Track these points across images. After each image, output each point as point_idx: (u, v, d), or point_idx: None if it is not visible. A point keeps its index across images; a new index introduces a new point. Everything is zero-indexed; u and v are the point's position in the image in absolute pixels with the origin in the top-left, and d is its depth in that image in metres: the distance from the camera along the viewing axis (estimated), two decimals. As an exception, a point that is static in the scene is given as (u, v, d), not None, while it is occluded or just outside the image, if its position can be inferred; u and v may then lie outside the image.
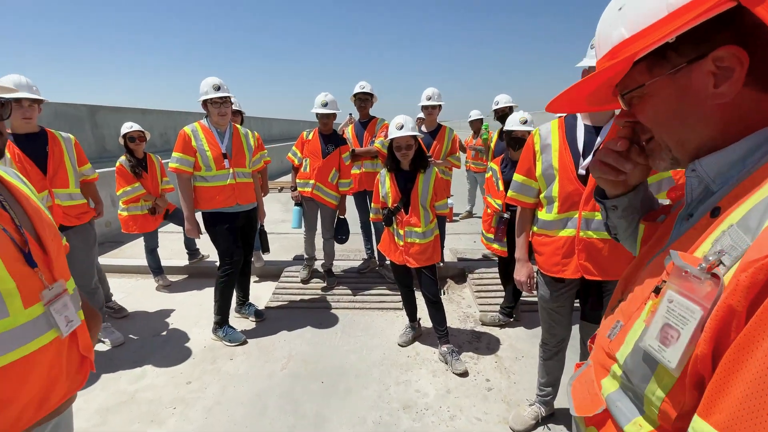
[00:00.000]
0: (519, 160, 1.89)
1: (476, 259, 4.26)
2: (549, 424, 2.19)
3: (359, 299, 3.57)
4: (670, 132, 0.60)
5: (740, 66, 0.49)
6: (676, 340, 0.50)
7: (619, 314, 0.69)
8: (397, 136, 2.41)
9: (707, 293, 0.47)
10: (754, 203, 0.47)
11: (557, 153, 1.69)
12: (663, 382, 0.53)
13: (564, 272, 1.76)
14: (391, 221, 2.59)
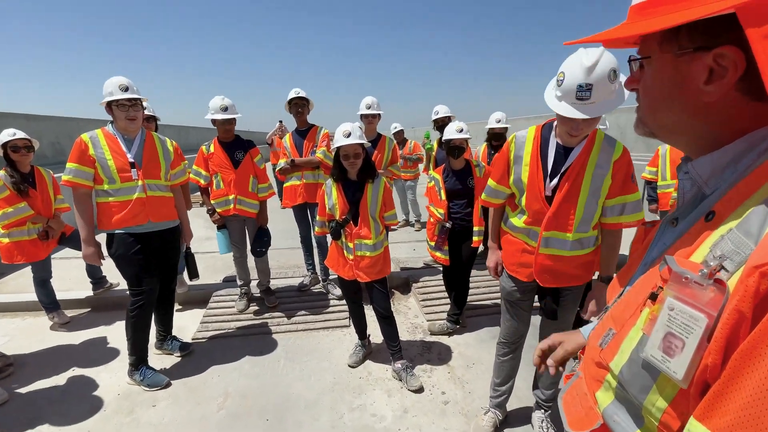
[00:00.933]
0: (494, 164, 1.88)
1: (419, 267, 4.24)
2: (505, 430, 2.19)
3: (302, 320, 3.31)
4: (653, 110, 0.59)
5: (734, 69, 0.48)
6: (681, 350, 0.48)
7: (609, 321, 0.66)
8: (345, 144, 2.27)
9: (710, 300, 0.46)
10: (752, 207, 0.47)
11: (527, 168, 1.68)
12: (665, 393, 0.52)
13: (518, 274, 1.84)
14: (340, 234, 2.43)
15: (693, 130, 0.57)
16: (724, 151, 0.53)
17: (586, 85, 1.35)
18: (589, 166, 1.57)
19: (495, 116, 4.04)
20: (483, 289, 3.80)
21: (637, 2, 0.56)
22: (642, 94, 0.61)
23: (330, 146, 3.52)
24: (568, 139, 1.60)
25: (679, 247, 0.57)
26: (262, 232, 3.41)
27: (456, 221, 2.96)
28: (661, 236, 0.66)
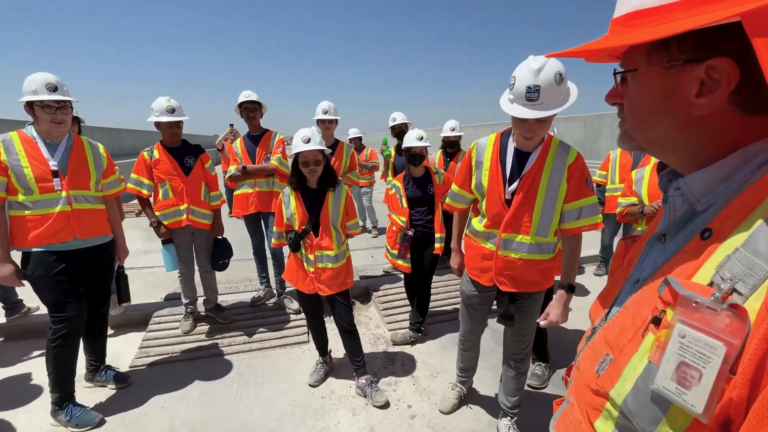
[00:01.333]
0: (459, 170, 1.94)
1: (378, 275, 4.16)
2: (471, 405, 2.42)
3: (256, 338, 3.08)
4: (641, 124, 0.57)
5: (727, 82, 0.47)
6: (699, 380, 0.45)
7: (603, 346, 0.62)
8: (304, 151, 2.13)
9: (727, 326, 0.43)
10: (756, 225, 0.45)
11: (487, 173, 1.76)
12: (676, 424, 0.48)
13: (480, 278, 1.90)
14: (299, 246, 2.28)
15: (683, 145, 0.55)
16: (719, 167, 0.52)
17: (534, 87, 1.44)
18: (545, 170, 1.64)
19: (449, 124, 4.10)
20: (442, 294, 3.80)
21: (622, 13, 0.54)
22: (627, 109, 0.59)
23: (286, 153, 3.36)
24: (523, 143, 1.66)
25: (674, 265, 0.54)
26: (220, 243, 3.17)
27: (418, 228, 2.93)
28: (649, 253, 0.64)
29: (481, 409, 2.38)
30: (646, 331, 0.53)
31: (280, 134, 3.39)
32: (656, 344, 0.51)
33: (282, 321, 3.31)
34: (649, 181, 2.38)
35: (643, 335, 0.53)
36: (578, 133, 10.16)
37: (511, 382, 2.07)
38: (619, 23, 0.54)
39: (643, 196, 2.38)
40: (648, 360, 0.51)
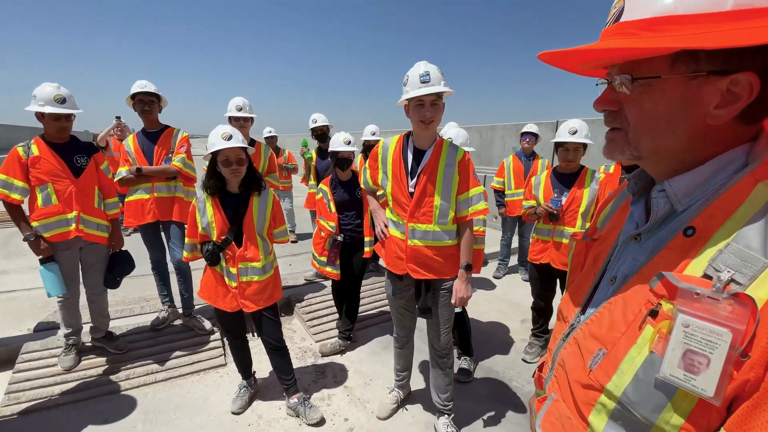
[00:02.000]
0: (369, 165, 2.08)
1: (300, 284, 3.95)
2: (408, 407, 2.42)
3: (162, 367, 2.66)
4: (654, 133, 0.57)
5: (748, 96, 0.49)
6: (707, 366, 0.47)
7: (592, 341, 0.63)
8: (225, 148, 1.89)
9: (731, 313, 0.46)
10: (742, 222, 0.49)
11: (391, 167, 1.95)
12: (680, 409, 0.51)
13: (395, 268, 2.02)
14: (218, 258, 2.01)
15: (683, 153, 0.57)
16: (699, 172, 0.55)
17: (425, 72, 1.74)
18: (440, 165, 1.87)
19: (369, 128, 4.11)
20: (368, 299, 3.76)
21: (642, 17, 0.52)
22: (637, 117, 0.57)
23: (191, 152, 2.98)
24: (421, 133, 1.87)
25: (661, 261, 0.57)
26: (122, 257, 2.70)
27: (347, 233, 2.85)
28: (625, 252, 0.66)
29: (417, 410, 2.39)
30: (643, 324, 0.55)
31: (184, 131, 2.99)
32: (658, 335, 0.52)
33: (193, 344, 2.91)
34: (543, 186, 2.71)
35: (640, 328, 0.55)
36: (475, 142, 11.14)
37: (440, 378, 2.13)
38: (640, 26, 0.51)
39: (540, 198, 2.71)
40: (649, 351, 0.53)
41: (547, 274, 2.77)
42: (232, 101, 3.13)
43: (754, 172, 0.51)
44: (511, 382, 2.68)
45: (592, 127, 2.78)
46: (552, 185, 2.68)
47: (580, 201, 2.55)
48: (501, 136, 10.95)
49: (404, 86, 1.82)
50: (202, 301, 3.46)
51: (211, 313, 3.28)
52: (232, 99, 3.15)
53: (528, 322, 3.09)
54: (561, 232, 2.61)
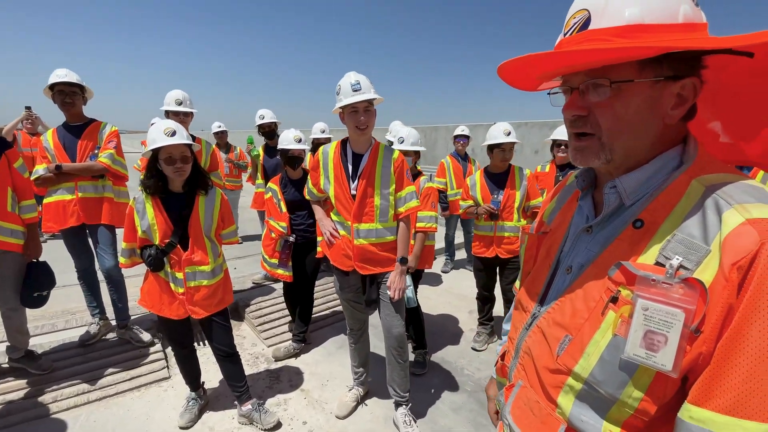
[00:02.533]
0: (311, 171, 2.13)
1: (247, 288, 3.78)
2: (367, 402, 2.44)
3: (95, 386, 2.41)
4: (628, 134, 0.61)
5: (693, 97, 0.58)
6: (665, 343, 0.53)
7: (557, 329, 0.68)
8: (168, 145, 1.75)
9: (683, 296, 0.53)
10: (682, 215, 0.56)
11: (333, 171, 2.02)
12: (640, 383, 0.57)
13: (342, 265, 2.09)
14: (162, 264, 1.87)
15: (643, 152, 0.63)
16: (644, 170, 0.63)
17: (355, 81, 1.85)
18: (378, 167, 1.98)
19: (318, 126, 4.05)
20: (321, 299, 3.71)
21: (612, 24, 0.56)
22: (610, 121, 0.61)
23: (121, 148, 2.73)
24: (358, 138, 1.97)
25: (614, 251, 0.63)
26: (39, 268, 2.38)
27: (299, 234, 2.79)
28: (578, 243, 0.72)
29: (376, 406, 2.42)
30: (605, 310, 0.60)
31: (113, 125, 2.73)
32: (620, 320, 0.58)
33: (131, 358, 2.67)
34: (480, 186, 2.87)
35: (603, 314, 0.61)
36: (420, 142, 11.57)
37: (396, 372, 2.17)
38: (614, 33, 0.56)
39: (478, 198, 2.87)
40: (613, 334, 0.59)
41: (491, 266, 2.93)
42: (169, 94, 2.90)
43: (689, 171, 0.60)
44: (462, 371, 2.80)
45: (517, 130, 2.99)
46: (488, 185, 2.84)
47: (514, 197, 2.75)
48: (444, 137, 11.39)
49: (337, 95, 1.91)
50: (139, 311, 3.20)
51: (150, 323, 3.04)
52: (170, 92, 2.92)
53: (476, 312, 3.24)
54: (501, 227, 2.79)
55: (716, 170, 0.59)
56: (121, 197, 2.77)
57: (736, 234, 0.51)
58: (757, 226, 0.50)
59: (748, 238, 0.50)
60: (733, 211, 0.52)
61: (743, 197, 0.54)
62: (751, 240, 0.49)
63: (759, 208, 0.52)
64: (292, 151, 2.72)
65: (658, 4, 0.55)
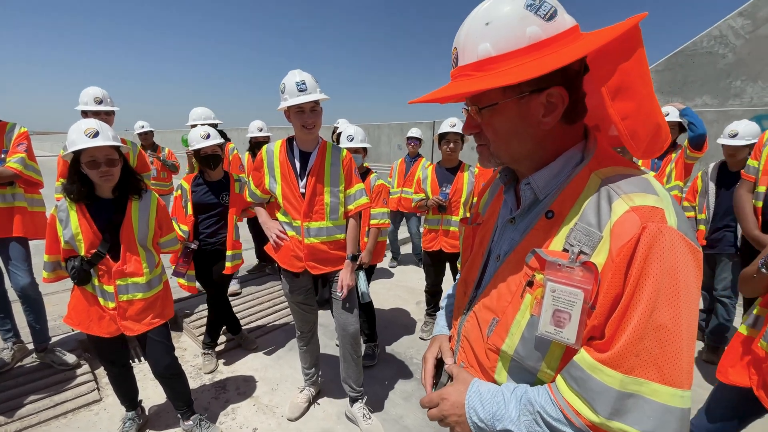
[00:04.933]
0: (252, 172, 2.09)
1: (186, 296, 3.58)
2: (318, 401, 2.45)
3: (12, 417, 2.15)
4: (507, 145, 0.71)
5: (562, 104, 0.64)
6: (569, 320, 0.61)
7: (486, 312, 0.76)
8: (91, 147, 1.61)
9: (582, 278, 0.60)
10: (583, 205, 0.64)
11: (279, 170, 1.99)
12: (554, 355, 0.66)
13: (293, 267, 2.06)
14: (89, 277, 1.72)
15: (533, 155, 0.71)
16: (551, 167, 0.70)
17: (300, 81, 1.83)
18: (326, 165, 1.99)
19: (256, 124, 3.93)
20: (267, 304, 3.63)
21: (471, 61, 0.65)
22: (492, 135, 0.71)
23: (32, 151, 2.46)
24: (305, 138, 1.96)
25: (531, 240, 0.70)
26: None
27: (205, 241, 2.62)
28: (503, 233, 0.79)
29: (327, 404, 2.43)
30: (523, 294, 0.68)
31: (22, 126, 2.45)
32: (535, 301, 0.65)
33: (53, 383, 2.42)
34: (431, 180, 2.99)
35: (522, 296, 0.68)
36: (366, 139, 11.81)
37: (351, 368, 2.20)
38: (472, 69, 0.65)
39: (428, 191, 2.98)
40: (530, 315, 0.66)
41: (439, 260, 3.06)
42: (86, 92, 2.64)
43: (589, 165, 0.68)
44: (412, 360, 2.91)
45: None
46: (438, 179, 2.96)
47: (461, 192, 2.88)
48: (387, 134, 11.60)
49: (282, 94, 1.87)
50: (60, 331, 2.92)
51: (75, 344, 2.78)
52: (86, 90, 2.65)
53: (422, 303, 3.37)
54: (448, 220, 2.91)
55: (612, 164, 0.67)
56: (35, 206, 2.50)
57: (622, 221, 0.58)
58: (638, 212, 0.58)
59: (631, 224, 0.57)
60: (620, 201, 0.60)
61: (629, 188, 0.61)
62: (634, 224, 0.57)
63: (641, 197, 0.59)
64: (204, 149, 2.50)
65: (503, 35, 0.62)
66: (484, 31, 0.63)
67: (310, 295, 2.21)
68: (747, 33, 5.05)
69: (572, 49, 0.60)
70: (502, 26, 0.62)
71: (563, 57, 0.59)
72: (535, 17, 0.61)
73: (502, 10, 0.62)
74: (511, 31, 0.61)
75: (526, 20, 0.61)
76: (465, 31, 0.66)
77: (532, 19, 0.61)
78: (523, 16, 0.61)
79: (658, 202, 0.59)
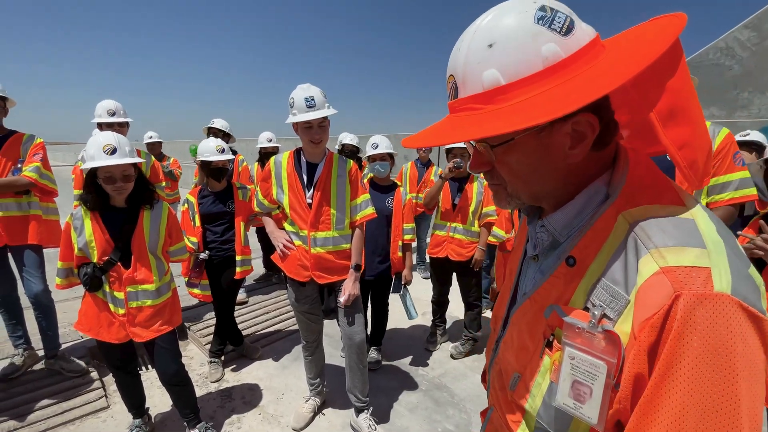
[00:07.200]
0: (260, 182, 2.12)
1: (193, 305, 3.61)
2: (323, 411, 2.44)
3: (22, 422, 2.17)
4: (526, 184, 0.60)
5: (592, 132, 0.53)
6: (590, 395, 0.52)
7: (509, 364, 0.69)
8: (112, 164, 1.65)
9: (605, 348, 0.50)
10: (608, 256, 0.53)
11: (287, 181, 2.02)
12: (581, 428, 0.56)
13: (299, 276, 2.08)
14: (100, 283, 1.76)
15: (558, 191, 0.60)
16: (572, 206, 0.59)
17: (309, 97, 1.85)
18: (333, 176, 2.02)
19: (265, 135, 4.00)
20: (273, 313, 3.64)
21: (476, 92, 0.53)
22: (508, 174, 0.60)
23: (48, 161, 2.54)
24: (312, 150, 1.99)
25: (549, 288, 0.60)
26: None
27: (215, 250, 2.66)
28: (527, 271, 0.70)
29: (332, 414, 2.42)
30: (543, 354, 0.59)
31: (38, 137, 2.53)
32: (553, 366, 0.57)
33: (63, 390, 2.45)
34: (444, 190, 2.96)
35: (541, 357, 0.60)
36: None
37: (357, 377, 2.19)
38: (478, 101, 0.53)
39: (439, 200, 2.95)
40: (550, 380, 0.58)
41: (445, 269, 3.03)
42: (100, 105, 2.73)
43: (615, 204, 0.54)
44: (417, 371, 2.89)
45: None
46: (450, 189, 2.95)
47: (470, 201, 2.87)
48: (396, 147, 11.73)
49: (291, 108, 1.90)
50: (70, 339, 2.95)
51: (84, 351, 2.81)
52: (100, 103, 2.75)
53: (428, 314, 3.36)
54: (455, 228, 2.88)
55: (644, 201, 0.53)
56: (49, 214, 2.56)
57: (649, 285, 0.47)
58: (670, 275, 0.45)
59: (660, 291, 0.45)
60: (649, 257, 0.48)
61: (662, 239, 0.48)
62: (663, 293, 0.45)
63: (676, 253, 0.46)
64: (215, 162, 2.57)
65: (513, 59, 0.50)
66: (488, 54, 0.51)
67: (316, 304, 2.23)
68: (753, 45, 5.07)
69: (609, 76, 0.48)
70: (510, 47, 0.50)
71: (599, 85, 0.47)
72: (549, 32, 0.50)
73: (508, 26, 0.51)
74: (522, 53, 0.50)
75: (540, 37, 0.49)
76: (463, 55, 0.54)
77: (547, 35, 0.50)
78: (536, 32, 0.50)
79: (701, 259, 0.46)
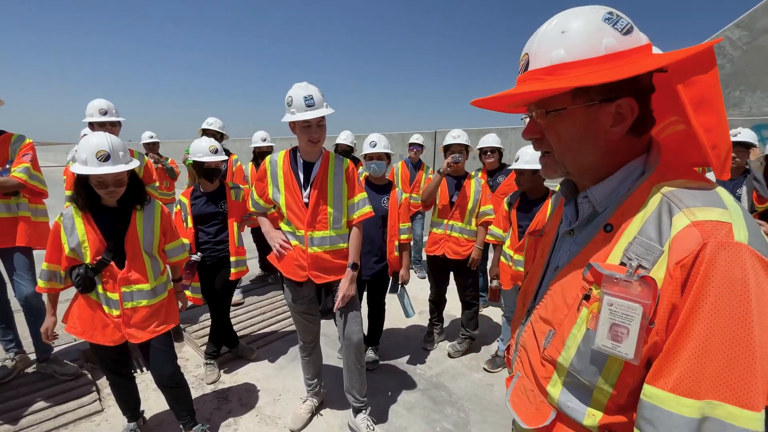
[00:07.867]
0: (256, 182, 2.09)
1: (188, 307, 3.56)
2: (321, 412, 2.42)
3: (15, 426, 2.14)
4: (572, 152, 0.71)
5: (631, 115, 0.64)
6: (627, 335, 0.60)
7: (543, 324, 0.76)
8: (102, 173, 1.61)
9: (641, 292, 0.59)
10: (644, 219, 0.63)
11: (283, 180, 2.00)
12: (612, 371, 0.64)
13: (296, 276, 2.06)
14: (93, 284, 1.73)
15: (598, 165, 0.71)
16: (611, 180, 0.70)
17: (308, 96, 1.84)
18: (329, 175, 2.00)
19: (259, 135, 3.97)
20: (269, 314, 3.62)
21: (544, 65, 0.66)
22: (556, 141, 0.71)
23: (37, 162, 2.49)
24: (309, 150, 1.97)
25: (589, 253, 0.69)
26: None
27: (208, 251, 2.63)
28: (562, 245, 0.79)
29: (330, 414, 2.40)
30: (580, 307, 0.67)
31: (27, 137, 2.48)
32: (591, 315, 0.65)
33: (55, 393, 2.41)
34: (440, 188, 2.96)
35: (578, 310, 0.67)
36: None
37: (355, 378, 2.18)
38: (544, 73, 0.65)
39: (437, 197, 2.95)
40: (586, 328, 0.66)
41: (442, 267, 3.03)
42: (92, 104, 2.69)
43: (651, 178, 0.66)
44: (415, 370, 2.88)
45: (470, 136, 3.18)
46: (447, 187, 2.95)
47: (468, 198, 2.87)
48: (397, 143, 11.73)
49: (288, 107, 1.88)
50: (63, 341, 2.91)
51: (77, 354, 2.77)
52: (92, 102, 2.70)
53: (425, 313, 3.35)
54: (452, 226, 2.89)
55: (675, 177, 0.65)
56: (39, 216, 2.52)
57: (682, 235, 0.57)
58: (700, 227, 0.56)
59: (691, 239, 0.56)
60: (681, 215, 0.58)
61: (692, 201, 0.59)
62: (694, 241, 0.55)
63: (704, 211, 0.57)
64: (208, 163, 2.54)
65: (579, 42, 0.63)
66: (560, 38, 0.64)
67: (313, 304, 2.21)
68: (744, 44, 5.11)
69: (651, 60, 0.60)
70: (578, 35, 0.63)
71: (642, 65, 0.59)
72: (612, 30, 0.62)
73: (580, 20, 0.64)
74: (587, 40, 0.62)
75: (604, 32, 0.62)
76: (539, 38, 0.67)
77: (610, 31, 0.62)
78: (601, 27, 0.62)
79: (724, 216, 0.57)
